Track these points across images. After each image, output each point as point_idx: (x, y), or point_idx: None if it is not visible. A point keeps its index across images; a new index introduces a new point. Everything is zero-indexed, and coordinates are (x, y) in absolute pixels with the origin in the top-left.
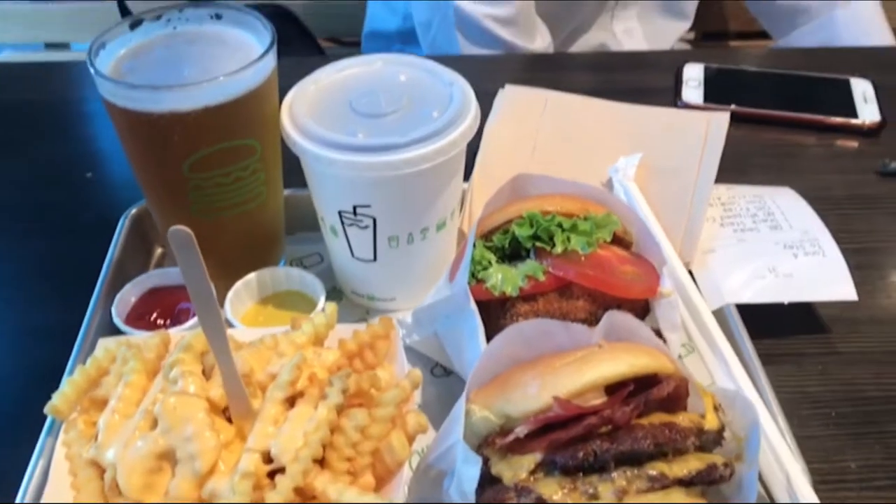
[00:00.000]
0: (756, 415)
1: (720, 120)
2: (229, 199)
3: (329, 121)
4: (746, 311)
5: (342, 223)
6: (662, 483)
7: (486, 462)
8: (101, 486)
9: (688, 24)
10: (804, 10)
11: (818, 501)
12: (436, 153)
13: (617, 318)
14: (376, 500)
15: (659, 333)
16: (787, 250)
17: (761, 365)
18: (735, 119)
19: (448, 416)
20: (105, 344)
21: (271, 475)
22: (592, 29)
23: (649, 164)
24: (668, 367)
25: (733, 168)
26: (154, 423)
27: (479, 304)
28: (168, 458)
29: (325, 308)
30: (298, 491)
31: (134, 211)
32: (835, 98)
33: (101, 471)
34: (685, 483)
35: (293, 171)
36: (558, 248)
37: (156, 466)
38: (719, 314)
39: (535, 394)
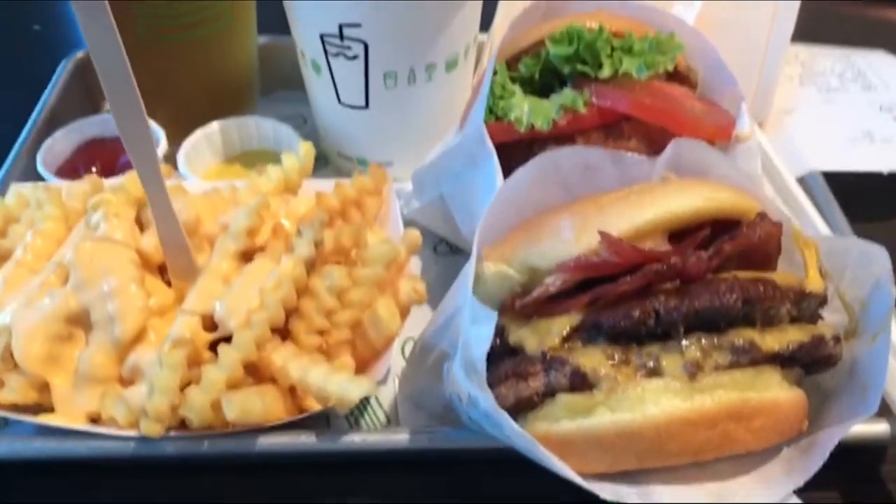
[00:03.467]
0: (884, 268)
1: None
2: (183, 18)
3: None
4: (834, 183)
5: (325, 53)
6: (751, 357)
7: (501, 333)
8: None
9: None
10: None
11: None
12: None
13: (687, 148)
14: (353, 382)
15: None
16: (885, 113)
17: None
18: None
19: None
20: (18, 189)
21: (214, 346)
22: None
23: (711, 17)
24: (754, 205)
25: (810, 30)
26: (66, 280)
27: (499, 147)
28: (80, 322)
29: (299, 149)
30: (249, 367)
31: (80, 55)
32: None
33: None
34: (782, 360)
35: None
36: (605, 72)
37: (63, 332)
38: (801, 185)
39: (573, 237)
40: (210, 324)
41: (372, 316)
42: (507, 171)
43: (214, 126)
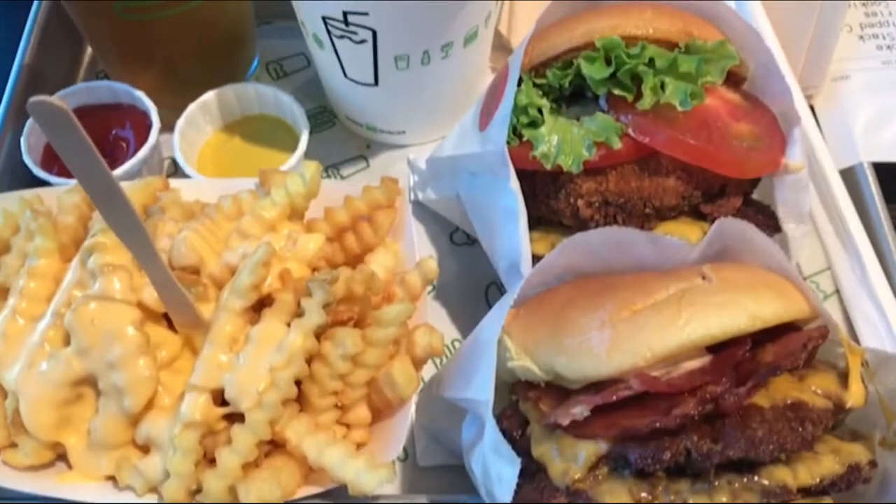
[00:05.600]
0: None
1: None
2: None
3: None
4: (885, 175)
5: (329, 34)
6: (782, 499)
7: (524, 426)
8: (2, 413)
9: None
10: None
11: None
12: None
13: (729, 229)
14: (370, 472)
15: (770, 220)
16: None
17: None
18: None
19: (472, 334)
20: (5, 205)
21: (229, 416)
22: None
23: None
24: (803, 310)
25: None
26: (67, 336)
27: (522, 173)
28: (88, 381)
29: (303, 170)
30: (261, 443)
31: None
32: None
33: (2, 395)
34: (814, 493)
35: None
36: (647, 102)
37: (71, 396)
38: (847, 173)
39: (604, 354)
40: (219, 397)
41: (386, 377)
42: (530, 196)
43: (209, 95)
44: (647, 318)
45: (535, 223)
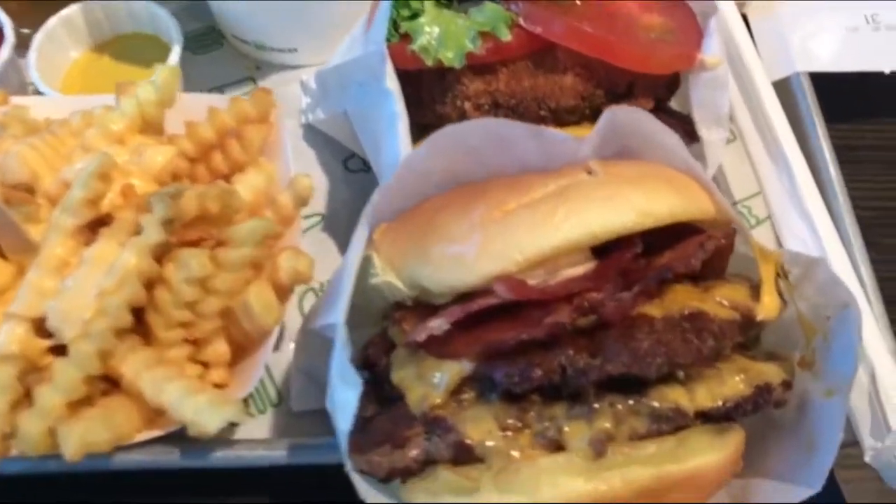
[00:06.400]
0: (854, 320)
1: None
2: None
3: None
4: (819, 81)
5: None
6: (676, 423)
7: (388, 350)
8: None
9: None
10: None
11: None
12: None
13: (623, 118)
14: (212, 409)
15: (687, 126)
16: None
17: (837, 169)
18: None
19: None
20: None
21: (58, 350)
22: None
23: None
24: (706, 210)
25: None
26: None
27: (405, 74)
28: None
29: (157, 75)
30: (90, 379)
31: None
32: None
33: None
34: (715, 417)
35: None
36: None
37: None
38: (782, 87)
39: (471, 259)
40: (43, 328)
41: (243, 307)
42: (415, 101)
43: (73, 10)
44: (520, 218)
45: (422, 131)
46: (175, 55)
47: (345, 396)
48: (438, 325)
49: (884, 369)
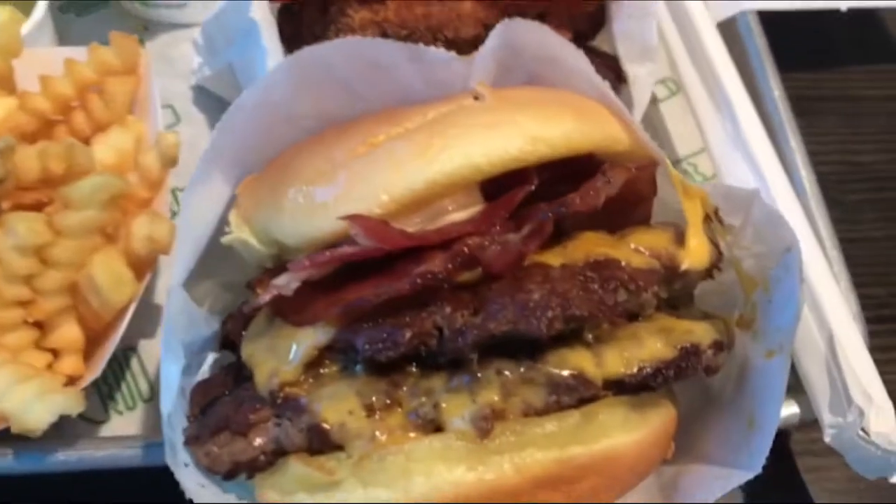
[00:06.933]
0: (791, 239)
1: None
2: None
3: None
4: (771, 25)
5: None
6: (580, 395)
7: (244, 324)
8: None
9: None
10: None
11: None
12: None
13: (525, 36)
14: (42, 401)
15: (615, 66)
16: None
17: (791, 118)
18: None
19: None
20: None
21: None
22: None
23: None
24: (617, 139)
25: None
26: None
27: (286, 10)
28: None
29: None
30: None
31: None
32: None
33: None
34: (629, 388)
35: None
36: None
37: None
38: (728, 29)
39: (330, 203)
40: None
41: (88, 282)
42: (295, 38)
43: None
44: (389, 152)
45: None
46: (40, 10)
47: (167, 371)
48: (286, 281)
49: (845, 337)
